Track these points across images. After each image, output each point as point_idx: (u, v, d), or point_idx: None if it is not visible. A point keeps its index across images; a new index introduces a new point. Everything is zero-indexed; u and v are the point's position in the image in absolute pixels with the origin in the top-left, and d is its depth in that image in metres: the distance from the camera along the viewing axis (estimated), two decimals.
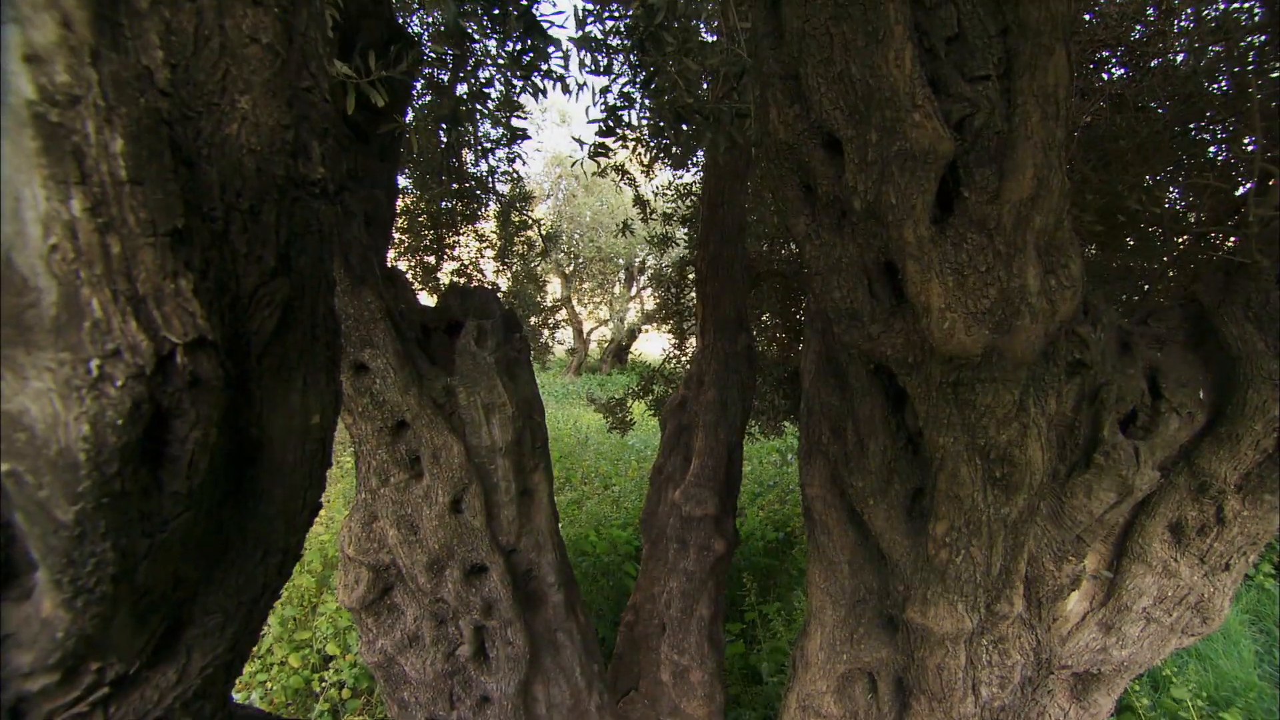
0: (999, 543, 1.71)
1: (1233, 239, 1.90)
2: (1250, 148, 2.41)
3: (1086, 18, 2.75)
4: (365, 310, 2.16)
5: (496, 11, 2.12)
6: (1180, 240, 2.74)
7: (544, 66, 2.33)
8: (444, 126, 2.72)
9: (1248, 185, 1.95)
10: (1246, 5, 2.56)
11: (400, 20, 3.03)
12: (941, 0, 1.36)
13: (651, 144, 4.12)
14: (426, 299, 4.57)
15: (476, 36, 2.25)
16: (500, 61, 2.35)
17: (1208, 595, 1.85)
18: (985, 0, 1.36)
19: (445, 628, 2.38)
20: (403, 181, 4.36)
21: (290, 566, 1.03)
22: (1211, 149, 2.77)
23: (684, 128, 2.62)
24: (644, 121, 3.19)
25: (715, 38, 3.30)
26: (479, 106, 2.29)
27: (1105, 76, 2.85)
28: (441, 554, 2.27)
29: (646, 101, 2.95)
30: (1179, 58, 2.66)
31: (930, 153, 1.35)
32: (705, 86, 3.31)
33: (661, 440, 3.79)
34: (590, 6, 2.52)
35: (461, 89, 2.49)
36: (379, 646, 2.37)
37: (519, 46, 2.23)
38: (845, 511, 2.10)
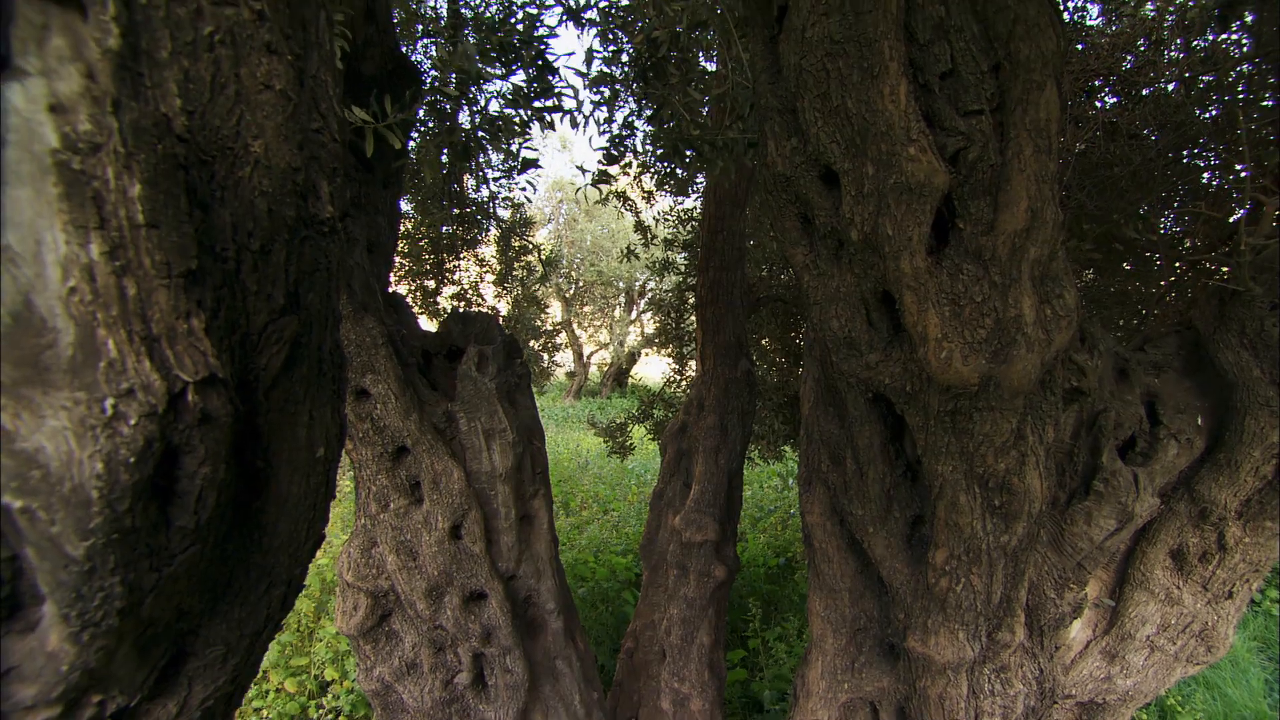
0: (999, 571, 1.71)
1: (1226, 267, 1.93)
2: (1243, 174, 2.44)
3: (1079, 48, 2.81)
4: (367, 336, 2.18)
5: (510, 51, 2.19)
6: (1177, 265, 2.77)
7: (551, 101, 2.40)
8: (445, 155, 2.77)
9: (1241, 212, 1.97)
10: (1235, 36, 2.62)
11: (403, 49, 3.09)
12: (935, 37, 1.40)
13: (654, 171, 4.18)
14: (427, 324, 4.60)
15: (488, 74, 2.31)
16: (508, 96, 2.41)
17: (1212, 623, 1.84)
18: (977, 37, 1.39)
19: (444, 655, 2.36)
20: (404, 207, 4.40)
21: (293, 598, 1.03)
22: (1204, 175, 2.81)
23: (689, 156, 2.67)
24: (648, 149, 3.24)
25: (715, 66, 3.36)
26: (486, 137, 2.34)
27: (1098, 105, 2.90)
28: (440, 580, 2.27)
29: (648, 129, 3.00)
30: (1170, 87, 2.71)
31: (926, 185, 1.38)
32: (705, 112, 3.37)
33: (661, 465, 3.78)
34: (597, 46, 2.59)
35: (464, 118, 2.54)
36: (377, 674, 2.35)
37: (532, 87, 2.30)
38: (845, 539, 2.09)
